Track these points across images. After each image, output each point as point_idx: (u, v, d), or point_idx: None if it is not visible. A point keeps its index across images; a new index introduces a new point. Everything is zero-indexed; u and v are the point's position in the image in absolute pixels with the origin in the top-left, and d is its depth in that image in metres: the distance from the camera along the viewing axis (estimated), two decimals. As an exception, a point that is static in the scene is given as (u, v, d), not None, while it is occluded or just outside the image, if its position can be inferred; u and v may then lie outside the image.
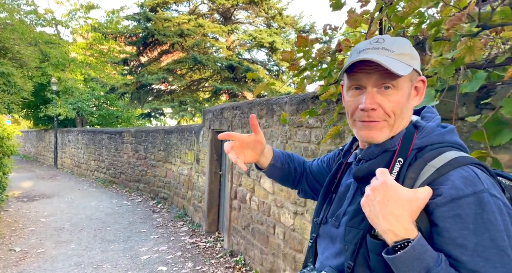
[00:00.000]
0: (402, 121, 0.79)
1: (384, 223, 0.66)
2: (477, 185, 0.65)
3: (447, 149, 0.73)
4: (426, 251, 0.63)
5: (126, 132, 8.61)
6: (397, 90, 0.77)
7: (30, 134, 18.56)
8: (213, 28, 10.47)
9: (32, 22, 17.57)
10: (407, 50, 0.79)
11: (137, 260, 4.22)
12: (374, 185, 0.69)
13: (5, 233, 5.29)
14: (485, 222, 0.62)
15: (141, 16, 10.07)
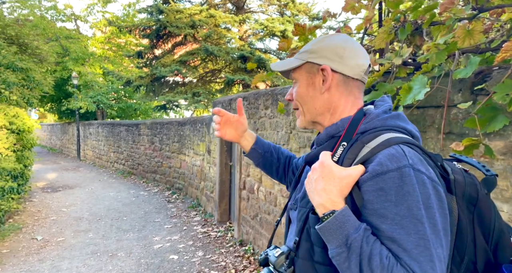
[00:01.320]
0: (310, 107, 0.89)
1: (317, 198, 0.73)
2: (402, 161, 0.69)
3: (385, 132, 0.78)
4: (348, 221, 0.68)
5: (142, 125, 8.80)
6: (296, 82, 0.92)
7: (55, 127, 19.30)
8: (225, 18, 10.40)
9: (53, 18, 18.05)
10: (306, 47, 0.90)
11: (150, 249, 4.36)
12: (314, 165, 0.78)
13: (29, 223, 5.58)
14: (404, 194, 0.67)
15: (153, 8, 10.13)
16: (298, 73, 0.90)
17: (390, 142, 0.73)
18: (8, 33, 7.63)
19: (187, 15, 9.94)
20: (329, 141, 0.86)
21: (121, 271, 3.73)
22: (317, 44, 0.88)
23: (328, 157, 0.76)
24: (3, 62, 5.90)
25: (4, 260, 4.12)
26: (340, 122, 0.85)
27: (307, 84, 0.88)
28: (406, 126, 0.82)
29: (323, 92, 0.86)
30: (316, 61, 0.87)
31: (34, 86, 6.59)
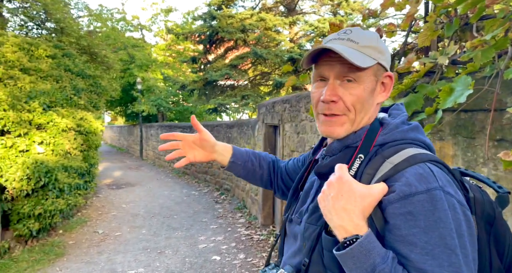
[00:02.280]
0: (364, 116, 0.77)
1: (336, 219, 0.65)
2: (431, 182, 0.63)
3: (407, 146, 0.71)
4: (373, 248, 0.61)
5: (194, 127, 9.17)
6: (358, 84, 0.74)
7: (123, 128, 21.10)
8: (275, 21, 10.41)
9: (122, 29, 19.81)
10: (373, 43, 0.76)
11: (195, 248, 4.50)
12: (330, 180, 0.69)
13: (93, 217, 6.14)
14: (435, 220, 0.61)
15: (207, 15, 10.53)
16: (364, 72, 0.73)
17: (416, 159, 0.67)
18: (81, 43, 8.51)
19: (238, 20, 10.16)
20: (343, 151, 0.78)
21: (167, 268, 3.90)
22: (380, 43, 0.76)
23: (346, 172, 0.69)
24: (74, 70, 6.59)
25: (70, 250, 4.57)
26: (360, 131, 0.77)
27: (372, 89, 0.76)
28: (425, 139, 0.75)
29: (379, 102, 0.78)
30: (384, 64, 0.76)
31: (101, 91, 7.24)
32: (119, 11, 19.43)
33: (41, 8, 8.48)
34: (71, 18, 9.60)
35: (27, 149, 4.66)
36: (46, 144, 4.88)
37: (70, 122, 5.23)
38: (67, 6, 9.70)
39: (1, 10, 8.71)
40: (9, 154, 4.47)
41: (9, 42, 5.67)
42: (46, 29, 9.23)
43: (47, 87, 5.39)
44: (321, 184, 0.80)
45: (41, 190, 4.70)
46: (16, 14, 9.08)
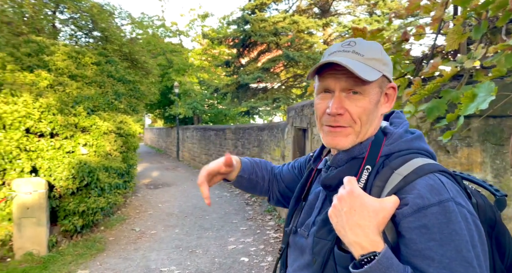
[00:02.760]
0: (369, 127, 0.77)
1: (351, 235, 0.64)
2: (443, 193, 0.63)
3: (413, 156, 0.71)
4: (391, 265, 0.61)
5: (227, 129, 9.37)
6: (364, 96, 0.75)
7: (161, 130, 22.00)
8: (308, 23, 10.36)
9: (162, 35, 20.72)
10: (377, 55, 0.76)
11: (224, 249, 4.59)
12: (341, 194, 0.67)
13: (131, 215, 6.47)
14: (450, 233, 0.61)
15: (240, 19, 10.73)
16: (369, 85, 0.74)
17: (424, 171, 0.67)
18: (123, 50, 9.03)
19: (271, 23, 10.24)
20: (349, 163, 0.77)
21: (196, 267, 4.02)
22: (383, 54, 0.77)
23: (357, 185, 0.68)
24: (116, 75, 7.01)
25: (110, 246, 4.86)
26: (366, 142, 0.77)
27: (377, 101, 0.76)
28: (427, 148, 0.76)
29: (383, 113, 0.79)
30: (389, 75, 0.77)
31: (139, 96, 7.64)
32: (159, 18, 20.37)
33: (89, 18, 9.12)
34: (116, 27, 10.20)
35: (72, 150, 5.04)
36: (89, 145, 5.24)
37: (111, 125, 5.57)
38: (112, 15, 10.32)
39: (54, 21, 9.49)
40: (57, 155, 4.86)
41: (60, 51, 6.16)
42: (93, 38, 9.90)
43: (91, 92, 5.79)
44: (327, 196, 0.80)
45: (85, 188, 5.06)
46: (67, 24, 9.84)
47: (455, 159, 1.67)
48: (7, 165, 4.60)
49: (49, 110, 4.87)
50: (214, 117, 17.60)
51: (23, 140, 4.65)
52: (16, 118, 4.59)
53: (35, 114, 4.74)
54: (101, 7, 9.53)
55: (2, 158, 4.54)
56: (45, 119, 4.82)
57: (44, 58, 5.85)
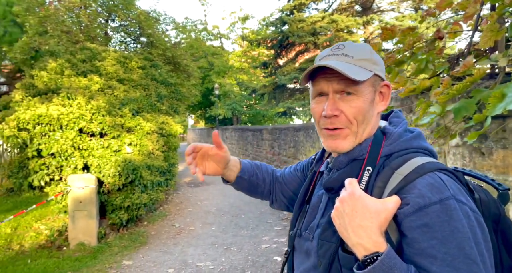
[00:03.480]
0: (366, 127, 0.77)
1: (353, 236, 0.65)
2: (444, 191, 0.64)
3: (413, 155, 0.72)
4: (395, 265, 0.61)
5: (264, 130, 9.45)
6: (358, 96, 0.76)
7: (202, 131, 22.73)
8: (347, 21, 10.12)
9: (204, 38, 21.40)
10: (366, 55, 0.78)
11: (258, 247, 4.67)
12: (342, 196, 0.68)
13: (172, 211, 6.79)
14: (452, 230, 0.61)
15: (278, 21, 10.77)
16: (363, 85, 0.75)
17: (425, 169, 0.67)
18: (167, 55, 9.50)
19: (309, 23, 10.16)
20: (350, 164, 0.78)
21: (231, 264, 4.14)
22: (373, 54, 0.79)
23: (358, 187, 0.68)
24: (159, 79, 7.41)
25: (151, 240, 5.16)
26: (365, 143, 0.77)
27: (371, 100, 0.77)
28: (428, 146, 0.76)
29: (379, 111, 0.80)
30: (380, 74, 0.78)
31: (180, 97, 8.00)
32: (202, 22, 21.00)
33: (137, 25, 9.72)
34: (162, 32, 10.72)
35: (119, 149, 5.42)
36: (133, 145, 5.60)
37: (153, 125, 5.91)
38: (157, 21, 10.89)
39: (106, 29, 10.24)
40: (106, 153, 5.26)
41: (110, 57, 6.66)
42: (140, 43, 10.53)
43: (137, 95, 6.19)
44: (330, 198, 0.81)
45: (129, 185, 5.41)
46: (118, 31, 10.56)
47: (490, 162, 1.60)
48: (64, 162, 5.07)
49: (99, 112, 5.29)
50: (253, 118, 17.84)
51: (76, 140, 5.11)
52: (71, 119, 5.05)
53: (87, 115, 5.17)
54: (148, 14, 10.09)
55: (59, 155, 5.02)
56: (95, 120, 5.25)
57: (96, 63, 6.36)
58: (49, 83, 5.57)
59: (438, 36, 1.95)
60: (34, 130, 4.88)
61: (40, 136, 4.94)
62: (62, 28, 7.70)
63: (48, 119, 4.91)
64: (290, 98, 10.80)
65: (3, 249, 4.74)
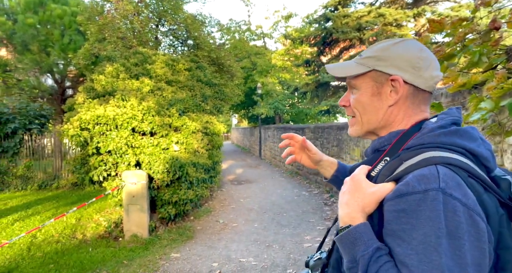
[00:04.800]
0: (370, 117, 0.84)
1: (340, 211, 0.77)
2: (431, 183, 0.65)
3: (430, 149, 0.72)
4: (360, 237, 0.69)
5: (307, 128, 9.36)
6: (358, 90, 0.86)
7: (246, 130, 23.06)
8: (396, 15, 9.63)
9: (247, 38, 21.68)
10: (373, 53, 0.84)
11: (300, 246, 4.66)
12: (346, 178, 0.80)
13: (216, 208, 7.01)
14: (425, 219, 0.63)
15: (321, 17, 10.57)
16: (360, 80, 0.84)
17: (427, 162, 0.69)
18: (211, 56, 9.80)
19: (354, 19, 9.84)
20: (373, 154, 0.86)
21: (272, 261, 4.19)
22: (385, 51, 0.83)
23: (361, 172, 0.78)
24: (204, 80, 7.67)
25: (197, 235, 5.39)
26: (388, 136, 0.83)
27: (372, 94, 0.84)
28: (466, 144, 0.73)
29: (390, 104, 0.83)
30: (385, 70, 0.82)
31: (224, 97, 8.21)
32: (245, 22, 21.30)
33: (184, 28, 10.15)
34: (208, 34, 11.08)
35: (167, 147, 5.72)
36: (180, 143, 5.87)
37: (198, 125, 6.15)
38: (203, 24, 11.26)
39: (156, 34, 10.82)
40: (155, 151, 5.59)
41: (159, 60, 7.04)
42: (187, 46, 10.98)
43: (183, 95, 6.48)
44: None
45: (177, 181, 5.70)
46: (167, 35, 11.11)
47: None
48: (119, 159, 5.48)
49: (149, 112, 5.63)
50: (295, 116, 17.72)
51: (130, 138, 5.48)
52: (125, 119, 5.43)
53: (139, 115, 5.53)
54: (194, 17, 10.48)
55: (115, 153, 5.43)
56: (146, 120, 5.59)
57: (147, 66, 6.76)
58: (106, 86, 6.04)
59: (493, 26, 1.83)
60: (94, 130, 5.34)
61: (99, 135, 5.38)
62: (118, 34, 8.29)
63: (106, 119, 5.33)
64: (333, 95, 10.57)
65: (69, 238, 5.26)
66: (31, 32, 11.35)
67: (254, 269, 3.96)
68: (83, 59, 8.55)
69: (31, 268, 4.13)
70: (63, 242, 5.05)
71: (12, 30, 11.70)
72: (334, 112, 11.57)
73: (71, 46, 11.54)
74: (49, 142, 9.67)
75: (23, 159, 9.11)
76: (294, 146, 1.17)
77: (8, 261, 4.33)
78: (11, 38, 11.93)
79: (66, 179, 9.21)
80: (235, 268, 4.00)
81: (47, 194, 8.32)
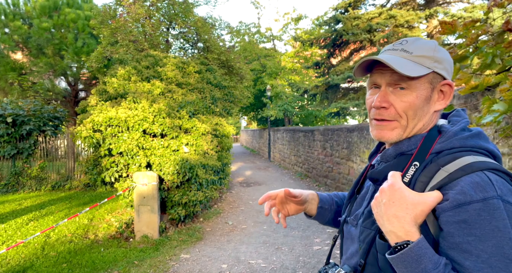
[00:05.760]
0: (417, 122, 0.78)
1: (387, 225, 0.69)
2: (489, 191, 0.62)
3: (465, 153, 0.70)
4: (425, 254, 0.63)
5: (316, 131, 9.34)
6: (411, 91, 0.77)
7: (255, 132, 23.09)
8: (407, 16, 9.55)
9: (257, 41, 21.74)
10: (428, 52, 0.78)
11: (309, 248, 4.65)
12: (382, 187, 0.72)
13: (225, 209, 7.04)
14: (492, 229, 0.60)
15: (331, 19, 10.55)
16: (418, 80, 0.77)
17: (473, 168, 0.66)
18: (221, 59, 9.87)
19: (365, 20, 9.79)
20: (397, 158, 0.80)
21: (282, 263, 4.19)
22: (438, 52, 0.79)
23: (399, 179, 0.71)
24: (213, 82, 7.74)
25: (207, 236, 5.42)
26: (414, 139, 0.79)
27: (426, 97, 0.77)
28: (488, 146, 0.74)
29: (437, 109, 0.79)
30: (442, 73, 0.78)
31: (233, 100, 8.26)
32: (255, 25, 21.37)
33: (194, 31, 10.25)
34: (217, 36, 11.15)
35: (177, 149, 5.78)
36: (190, 145, 5.93)
37: (208, 127, 6.20)
38: (213, 27, 11.35)
39: (167, 37, 10.95)
40: (166, 153, 5.65)
41: (170, 63, 7.13)
42: (197, 49, 11.08)
43: (193, 98, 6.54)
44: (376, 189, 0.85)
45: (186, 183, 5.75)
46: (177, 38, 11.22)
47: None
48: (130, 161, 5.56)
49: (160, 114, 5.70)
50: (305, 119, 17.69)
51: (141, 140, 5.56)
52: (137, 121, 5.52)
53: (150, 117, 5.61)
54: (204, 20, 10.57)
55: (126, 154, 5.52)
56: (157, 122, 5.67)
57: (158, 69, 6.86)
58: (118, 89, 6.15)
59: (507, 28, 1.81)
60: (106, 131, 5.43)
61: (110, 137, 5.47)
62: (129, 37, 8.43)
63: (117, 121, 5.42)
64: (343, 98, 10.51)
65: (81, 238, 5.35)
66: (46, 36, 11.63)
67: (263, 271, 3.97)
68: (96, 62, 8.72)
69: (45, 267, 4.22)
70: (75, 242, 5.15)
71: (27, 34, 12.01)
72: (344, 114, 11.50)
73: (84, 49, 11.78)
74: (62, 144, 9.87)
75: (37, 160, 9.32)
76: (274, 205, 1.07)
77: (23, 259, 4.44)
78: (26, 42, 12.25)
79: (79, 180, 9.38)
80: (244, 270, 4.01)
81: (60, 195, 8.49)
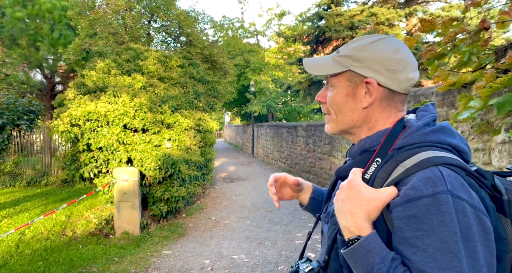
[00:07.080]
0: (344, 117, 0.83)
1: (343, 220, 0.71)
2: (439, 186, 0.63)
3: (424, 149, 0.71)
4: (374, 249, 0.65)
5: (299, 127, 9.40)
6: (333, 88, 0.84)
7: (239, 128, 23.03)
8: (388, 14, 9.71)
9: (240, 36, 21.60)
10: (351, 52, 0.81)
11: (291, 243, 4.70)
12: (342, 184, 0.75)
13: (208, 205, 7.01)
14: (439, 224, 0.62)
15: (314, 16, 10.60)
16: (336, 78, 0.82)
17: (428, 163, 0.67)
18: (204, 53, 9.74)
19: (347, 17, 9.89)
20: (362, 155, 0.81)
21: (264, 258, 4.21)
22: (362, 51, 0.80)
23: (358, 176, 0.73)
24: (196, 77, 7.64)
25: (189, 232, 5.38)
26: (376, 135, 0.80)
27: (346, 94, 0.81)
28: (451, 140, 0.74)
29: (364, 106, 0.80)
30: (361, 72, 0.79)
31: (217, 95, 8.19)
32: (239, 20, 21.22)
33: (176, 25, 10.06)
34: (200, 30, 10.99)
35: (159, 144, 5.69)
36: (172, 140, 5.84)
37: (190, 122, 6.12)
38: (196, 21, 11.17)
39: (149, 30, 10.70)
40: (147, 148, 5.55)
41: (151, 56, 6.98)
42: (180, 43, 10.89)
43: (176, 92, 6.44)
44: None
45: (169, 179, 5.67)
46: (159, 31, 10.99)
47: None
48: (110, 156, 5.43)
49: (141, 109, 5.58)
50: (288, 115, 17.77)
51: (121, 135, 5.43)
52: (117, 116, 5.38)
53: (130, 112, 5.48)
54: (187, 14, 10.39)
55: (106, 149, 5.38)
56: (138, 117, 5.55)
57: (139, 63, 6.70)
58: (97, 82, 5.97)
59: (483, 26, 1.86)
60: (84, 126, 5.27)
61: (89, 131, 5.32)
62: (109, 30, 8.18)
63: (97, 116, 5.27)
64: (326, 94, 10.64)
65: (58, 235, 5.20)
66: (19, 26, 11.13)
67: (246, 266, 3.98)
68: (74, 55, 8.42)
69: (20, 265, 4.07)
70: (52, 239, 4.99)
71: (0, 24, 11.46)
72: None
73: (61, 41, 11.36)
74: (38, 138, 9.53)
75: (11, 156, 8.96)
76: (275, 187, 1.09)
77: (-4, 258, 4.27)
78: (-1, 32, 11.67)
79: (56, 175, 9.09)
80: (227, 265, 4.01)
81: (36, 191, 8.21)
